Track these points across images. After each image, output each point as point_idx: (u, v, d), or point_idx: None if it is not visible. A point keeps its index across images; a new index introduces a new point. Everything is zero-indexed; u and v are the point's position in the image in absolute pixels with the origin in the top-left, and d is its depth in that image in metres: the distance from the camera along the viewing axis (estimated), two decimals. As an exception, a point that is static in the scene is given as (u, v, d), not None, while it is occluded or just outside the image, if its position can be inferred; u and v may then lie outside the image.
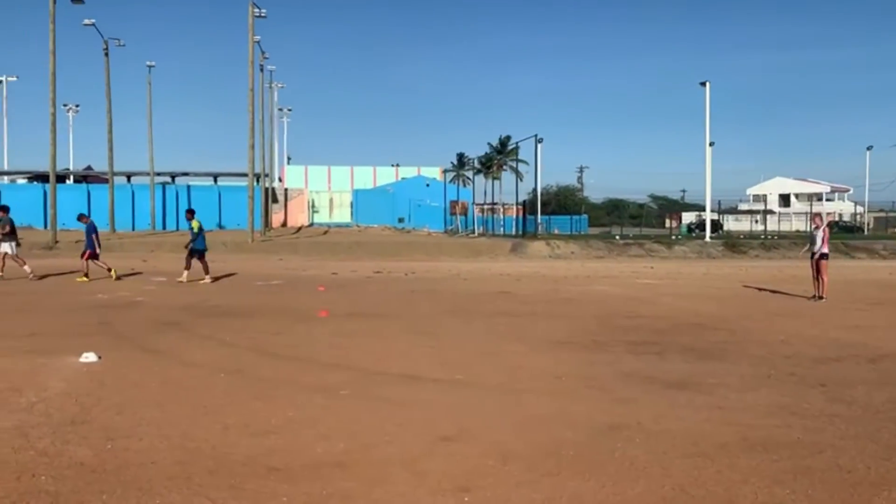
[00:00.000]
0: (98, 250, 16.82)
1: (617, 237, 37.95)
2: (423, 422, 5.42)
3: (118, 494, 3.92)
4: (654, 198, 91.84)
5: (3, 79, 65.06)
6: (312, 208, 57.51)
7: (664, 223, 67.47)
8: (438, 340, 9.20)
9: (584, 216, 65.87)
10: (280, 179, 61.96)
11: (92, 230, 16.78)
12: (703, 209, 42.62)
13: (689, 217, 66.44)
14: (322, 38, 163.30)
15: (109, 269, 16.76)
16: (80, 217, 17.66)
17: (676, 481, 4.24)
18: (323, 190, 60.71)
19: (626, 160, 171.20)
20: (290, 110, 69.45)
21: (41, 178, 48.87)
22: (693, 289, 16.82)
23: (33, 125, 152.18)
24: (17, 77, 67.59)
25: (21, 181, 57.60)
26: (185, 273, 16.25)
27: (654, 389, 6.64)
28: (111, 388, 6.34)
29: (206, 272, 16.47)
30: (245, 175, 36.09)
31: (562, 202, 79.44)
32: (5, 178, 58.62)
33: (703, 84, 36.54)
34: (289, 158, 70.52)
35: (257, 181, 38.56)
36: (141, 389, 6.33)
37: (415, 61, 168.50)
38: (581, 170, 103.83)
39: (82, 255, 16.82)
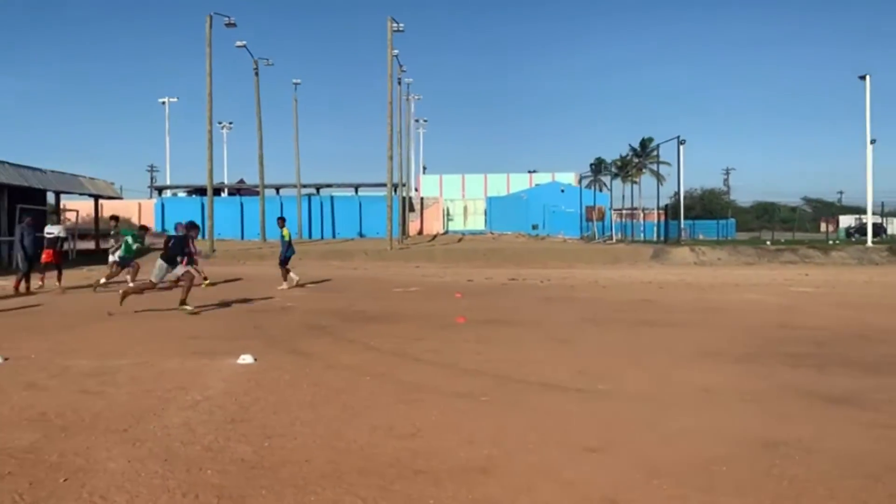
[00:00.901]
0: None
1: (767, 242, 35.90)
2: (566, 431, 5.34)
3: (276, 490, 4.13)
4: (808, 200, 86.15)
5: (166, 100, 71.01)
6: (447, 216, 58.50)
7: (819, 227, 63.05)
8: (578, 349, 9.05)
9: (732, 220, 62.88)
10: (416, 189, 63.46)
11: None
12: (864, 212, 39.49)
13: (847, 220, 61.78)
14: (454, 47, 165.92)
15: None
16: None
17: (842, 503, 3.93)
18: (457, 198, 61.62)
19: (776, 160, 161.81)
20: (425, 121, 71.12)
21: (199, 191, 52.76)
22: (854, 297, 15.59)
23: (192, 142, 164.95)
24: (178, 99, 73.59)
25: (181, 194, 62.48)
26: (285, 283, 17.08)
27: (814, 405, 6.20)
28: (266, 388, 6.72)
29: (285, 279, 17.27)
30: (384, 185, 37.25)
31: (707, 206, 76.23)
32: (168, 191, 63.83)
33: (863, 77, 33.90)
34: (424, 168, 72.25)
35: (395, 191, 39.67)
36: (293, 390, 6.66)
37: (547, 64, 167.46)
38: (727, 171, 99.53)
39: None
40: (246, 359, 7.84)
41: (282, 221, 18.10)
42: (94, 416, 5.69)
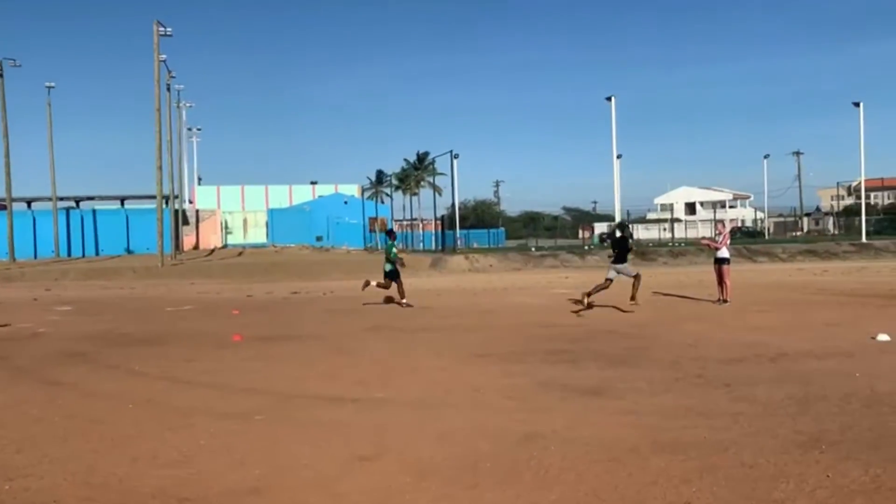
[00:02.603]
0: None
1: (533, 249, 38.65)
2: (341, 443, 5.37)
3: (16, 538, 3.72)
4: (568, 210, 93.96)
5: None
6: (225, 229, 56.32)
7: (577, 234, 69.15)
8: (358, 359, 9.14)
9: (502, 229, 66.79)
10: (191, 201, 60.31)
11: None
12: (614, 219, 43.93)
13: (600, 227, 68.34)
14: (232, 57, 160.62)
15: None
16: None
17: (590, 486, 4.35)
18: (236, 210, 59.56)
19: (540, 174, 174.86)
20: (199, 130, 67.86)
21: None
22: (607, 296, 17.27)
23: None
24: None
25: None
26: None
27: (570, 397, 6.79)
28: (9, 426, 6.02)
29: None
30: (153, 197, 34.97)
31: (480, 216, 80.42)
32: None
33: (609, 99, 37.75)
34: (199, 179, 68.79)
35: (166, 203, 37.44)
36: (43, 425, 6.03)
37: (329, 79, 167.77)
38: (497, 184, 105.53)
39: None
40: (-16, 394, 6.96)
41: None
42: None
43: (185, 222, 51.36)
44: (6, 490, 4.44)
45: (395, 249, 16.15)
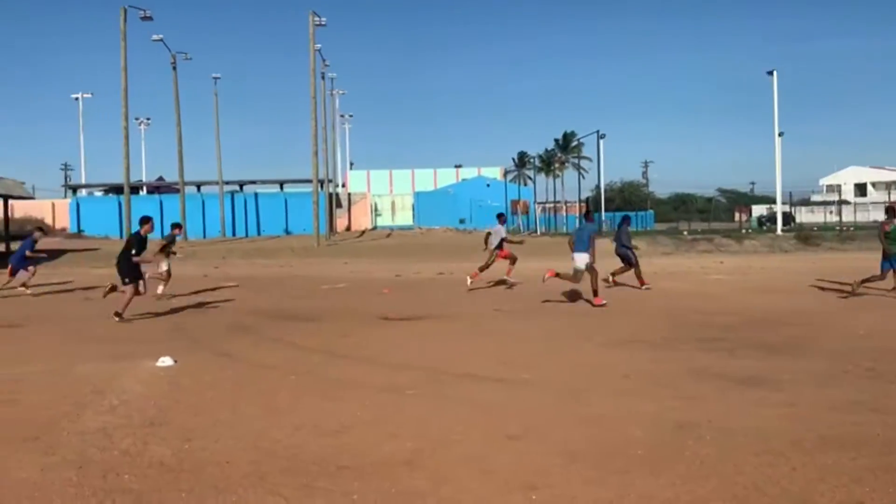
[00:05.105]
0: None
1: (684, 232, 37.17)
2: (489, 421, 5.44)
3: (196, 493, 4.07)
4: (723, 191, 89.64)
5: (80, 96, 68.19)
6: (375, 212, 58.28)
7: (733, 217, 65.73)
8: (503, 340, 9.20)
9: (651, 212, 64.81)
10: (343, 185, 62.96)
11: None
12: (774, 201, 41.32)
13: (759, 210, 64.56)
14: (378, 43, 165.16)
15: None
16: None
17: (749, 479, 4.14)
18: (385, 193, 61.48)
19: (692, 154, 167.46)
20: (351, 116, 70.55)
21: (116, 190, 50.92)
22: (765, 283, 16.34)
23: (108, 140, 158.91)
24: (92, 94, 70.77)
25: (98, 194, 60.20)
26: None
27: (725, 386, 6.49)
28: (187, 390, 6.58)
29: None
30: (310, 181, 36.86)
31: (627, 198, 78.34)
32: (83, 191, 61.38)
33: (771, 73, 35.44)
34: (351, 164, 71.67)
35: (321, 187, 39.27)
36: (215, 391, 6.55)
37: (470, 61, 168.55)
38: (646, 165, 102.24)
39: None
40: (166, 361, 7.65)
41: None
42: (3, 425, 5.46)
43: (339, 205, 53.71)
44: (186, 449, 4.86)
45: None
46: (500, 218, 16.50)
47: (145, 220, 11.97)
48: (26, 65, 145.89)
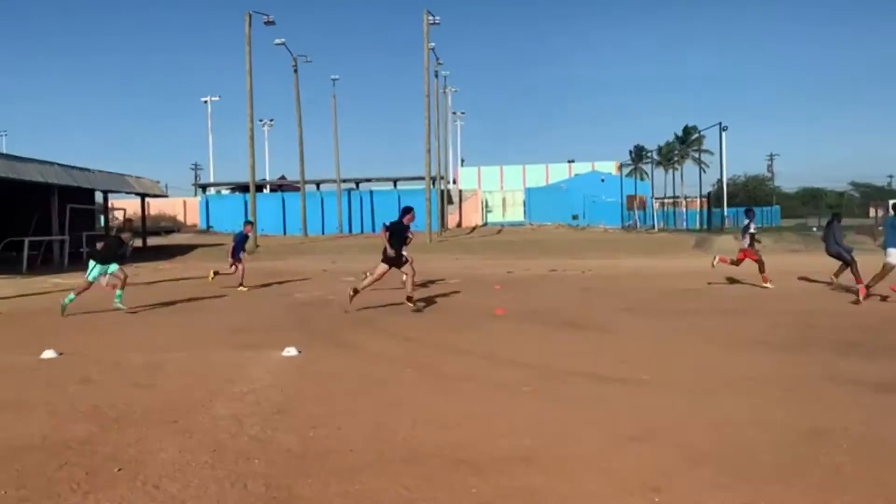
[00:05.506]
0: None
1: (814, 229, 35.11)
2: (608, 421, 5.34)
3: (322, 479, 4.22)
4: (856, 185, 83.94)
5: (209, 99, 72.16)
6: (486, 208, 58.41)
7: (868, 213, 61.49)
8: (620, 339, 9.01)
9: (776, 207, 61.70)
10: (454, 181, 63.48)
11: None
12: (916, 195, 38.32)
13: (898, 205, 59.94)
14: (490, 38, 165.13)
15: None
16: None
17: (893, 492, 3.86)
18: (495, 190, 61.48)
19: (821, 145, 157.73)
20: (463, 114, 71.06)
21: (242, 188, 53.51)
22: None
23: (234, 140, 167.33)
24: (220, 97, 74.77)
25: (225, 192, 63.48)
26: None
27: (864, 393, 6.09)
28: (310, 379, 6.85)
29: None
30: (422, 178, 37.42)
31: (750, 193, 74.93)
32: (212, 189, 64.91)
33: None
34: (462, 160, 72.10)
35: (433, 184, 39.77)
36: (337, 381, 6.77)
37: (584, 53, 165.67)
38: (771, 158, 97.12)
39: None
40: (290, 351, 7.99)
41: (751, 213, 15.69)
42: (145, 408, 5.86)
43: (450, 201, 54.24)
44: (311, 437, 5.06)
45: None
46: (749, 213, 15.51)
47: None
48: (161, 72, 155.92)
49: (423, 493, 3.99)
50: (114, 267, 12.12)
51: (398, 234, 11.69)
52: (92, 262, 12.04)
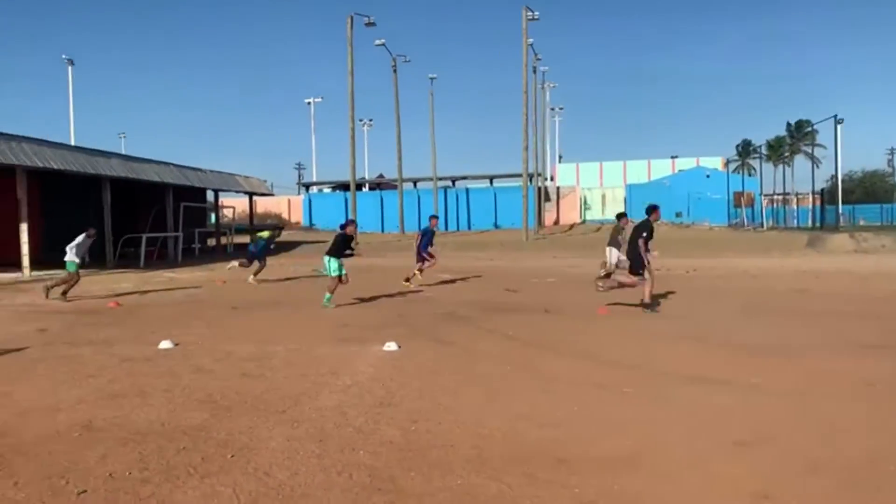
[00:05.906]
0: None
1: (939, 227, 32.69)
2: (714, 424, 5.18)
3: (424, 472, 4.30)
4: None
5: (312, 101, 74.48)
6: (584, 205, 57.52)
7: None
8: (727, 341, 8.70)
9: (898, 204, 57.74)
10: (552, 178, 62.86)
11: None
12: None
13: None
14: (590, 31, 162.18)
15: None
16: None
17: None
18: (595, 186, 60.43)
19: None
20: (561, 109, 70.23)
21: (343, 186, 54.96)
22: None
23: (335, 140, 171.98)
24: (322, 98, 77.02)
25: (326, 190, 65.36)
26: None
27: None
28: (411, 374, 6.97)
29: None
30: (519, 175, 37.25)
31: (868, 189, 70.56)
32: (314, 187, 66.96)
33: None
34: (560, 157, 71.29)
35: (530, 181, 39.55)
36: (436, 377, 6.86)
37: (689, 45, 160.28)
38: (892, 152, 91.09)
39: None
40: (391, 346, 8.15)
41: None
42: (255, 397, 6.12)
43: (547, 199, 53.76)
44: (412, 430, 5.15)
45: None
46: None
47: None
48: (267, 76, 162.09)
49: (525, 492, 3.99)
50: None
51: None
52: (327, 258, 12.55)
